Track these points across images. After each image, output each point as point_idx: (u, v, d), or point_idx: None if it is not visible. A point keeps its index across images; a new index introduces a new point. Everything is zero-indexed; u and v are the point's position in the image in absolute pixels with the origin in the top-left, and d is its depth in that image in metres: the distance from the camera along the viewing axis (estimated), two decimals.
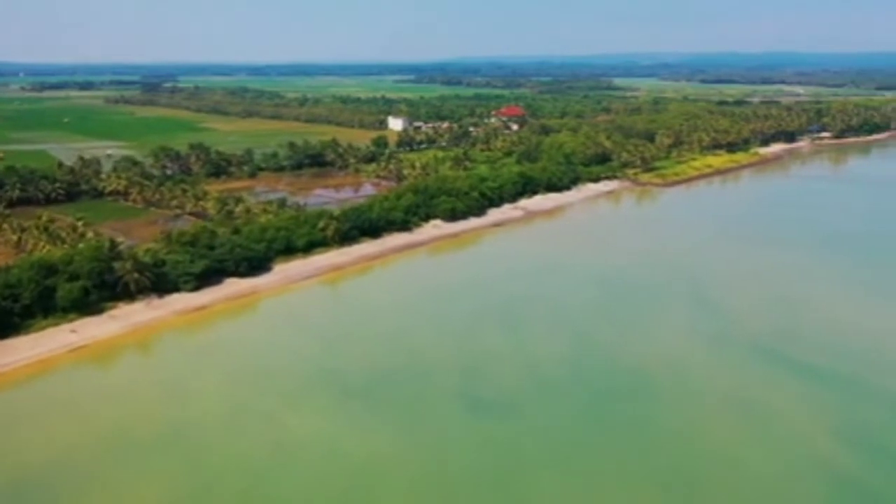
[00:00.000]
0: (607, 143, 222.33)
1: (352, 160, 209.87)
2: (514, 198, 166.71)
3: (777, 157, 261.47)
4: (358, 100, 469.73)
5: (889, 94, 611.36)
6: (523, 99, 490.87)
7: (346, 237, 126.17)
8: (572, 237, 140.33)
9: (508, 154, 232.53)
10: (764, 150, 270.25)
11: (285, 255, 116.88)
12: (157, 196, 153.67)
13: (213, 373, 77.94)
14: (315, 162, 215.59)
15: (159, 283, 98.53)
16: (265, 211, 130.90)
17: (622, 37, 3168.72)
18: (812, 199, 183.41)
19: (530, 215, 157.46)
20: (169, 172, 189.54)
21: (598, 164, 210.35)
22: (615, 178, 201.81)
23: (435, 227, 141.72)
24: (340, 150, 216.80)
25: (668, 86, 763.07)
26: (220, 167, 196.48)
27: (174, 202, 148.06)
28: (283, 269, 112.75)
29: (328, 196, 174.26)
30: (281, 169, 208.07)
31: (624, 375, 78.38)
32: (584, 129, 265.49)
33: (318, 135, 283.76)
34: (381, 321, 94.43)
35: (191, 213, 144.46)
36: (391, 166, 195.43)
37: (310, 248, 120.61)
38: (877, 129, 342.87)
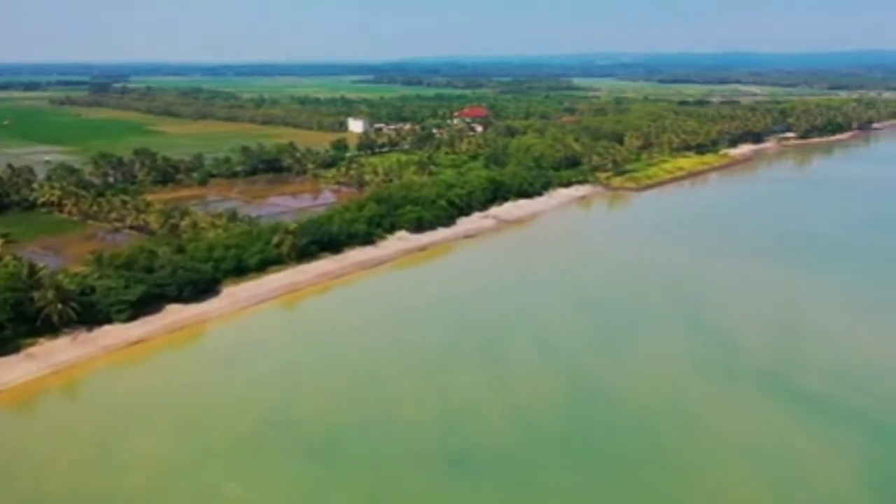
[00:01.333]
0: (577, 146, 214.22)
1: (310, 165, 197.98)
2: (484, 205, 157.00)
3: (746, 159, 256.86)
4: (316, 100, 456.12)
5: (843, 94, 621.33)
6: (485, 99, 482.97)
7: (303, 253, 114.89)
8: (549, 249, 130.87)
9: (474, 157, 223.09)
10: (733, 152, 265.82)
11: (236, 276, 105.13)
12: (95, 208, 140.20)
13: (146, 429, 66.06)
14: (271, 167, 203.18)
15: (88, 313, 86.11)
16: (213, 225, 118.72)
17: (579, 37, 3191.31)
18: (790, 205, 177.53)
19: (502, 225, 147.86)
20: (111, 180, 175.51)
21: (569, 168, 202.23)
22: (587, 182, 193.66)
23: (400, 240, 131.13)
24: (298, 154, 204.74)
25: (627, 86, 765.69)
26: (167, 174, 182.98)
27: (113, 214, 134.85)
28: (233, 292, 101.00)
29: (285, 205, 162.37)
30: (234, 175, 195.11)
31: (624, 421, 68.70)
32: (551, 130, 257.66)
33: (274, 137, 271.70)
34: (342, 354, 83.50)
35: (132, 227, 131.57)
36: (352, 172, 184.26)
37: (263, 266, 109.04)
38: (839, 129, 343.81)
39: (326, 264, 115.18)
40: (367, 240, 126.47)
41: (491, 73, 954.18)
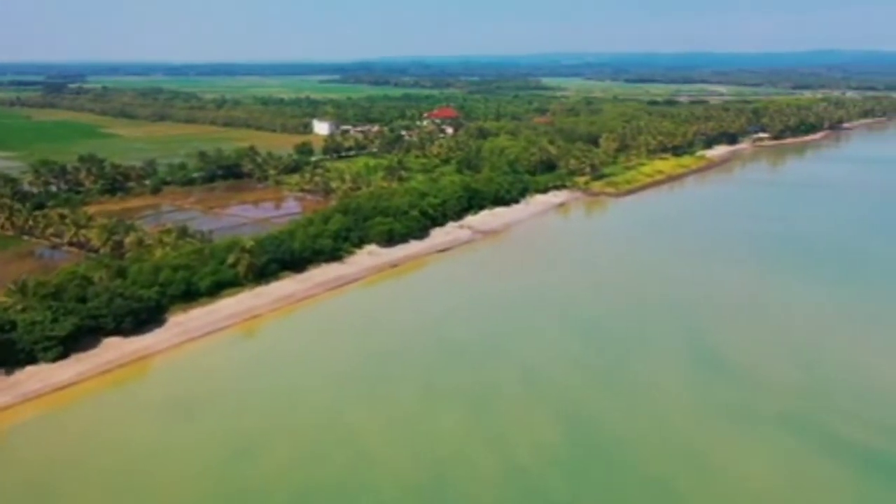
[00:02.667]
0: (552, 150, 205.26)
1: (272, 171, 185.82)
2: (458, 214, 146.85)
3: (724, 161, 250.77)
4: (281, 101, 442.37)
5: (807, 93, 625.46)
6: (454, 99, 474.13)
7: (263, 273, 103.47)
8: (530, 264, 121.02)
9: (446, 161, 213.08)
10: (710, 154, 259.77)
11: (184, 302, 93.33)
12: (31, 222, 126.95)
13: None
14: (230, 173, 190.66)
15: (7, 353, 73.96)
16: (161, 242, 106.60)
17: (545, 37, 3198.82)
18: (779, 210, 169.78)
19: (479, 236, 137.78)
20: (53, 190, 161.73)
21: (545, 172, 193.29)
22: (564, 187, 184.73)
23: (370, 255, 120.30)
24: (259, 159, 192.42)
25: (594, 85, 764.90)
26: (116, 182, 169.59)
27: (50, 230, 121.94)
28: (181, 322, 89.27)
29: (244, 215, 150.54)
30: (190, 182, 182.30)
31: (633, 483, 58.92)
32: (525, 132, 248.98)
33: (236, 140, 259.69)
34: (306, 397, 72.60)
35: (71, 244, 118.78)
36: (316, 178, 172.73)
37: (216, 290, 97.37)
38: (812, 129, 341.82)
39: (288, 285, 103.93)
40: (334, 256, 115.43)
41: (458, 72, 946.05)
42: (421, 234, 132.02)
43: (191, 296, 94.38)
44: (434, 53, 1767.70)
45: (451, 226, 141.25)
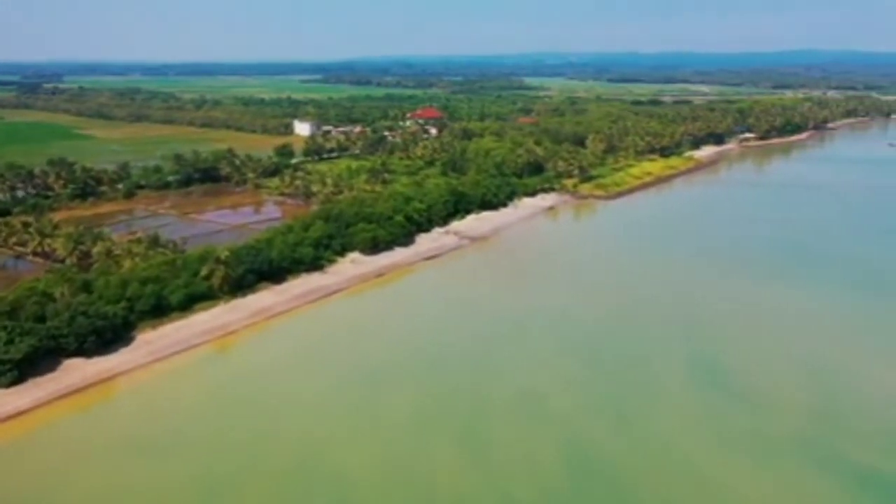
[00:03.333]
0: (539, 151, 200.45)
1: (250, 174, 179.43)
2: (445, 219, 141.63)
3: (712, 162, 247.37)
4: (261, 101, 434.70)
5: (789, 93, 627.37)
6: (437, 99, 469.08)
7: (239, 285, 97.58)
8: (522, 273, 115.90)
9: (431, 163, 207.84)
10: (698, 154, 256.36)
11: (154, 318, 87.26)
12: None
13: None
14: (207, 177, 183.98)
15: None
16: (131, 252, 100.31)
17: (527, 37, 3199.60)
18: (774, 213, 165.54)
19: (466, 242, 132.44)
20: (21, 195, 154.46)
21: (532, 175, 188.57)
22: (552, 190, 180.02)
23: (353, 264, 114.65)
24: (237, 162, 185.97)
25: (578, 85, 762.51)
26: (87, 187, 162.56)
27: (14, 239, 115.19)
28: (150, 340, 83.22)
29: (222, 221, 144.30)
30: (165, 186, 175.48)
31: None
32: (511, 133, 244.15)
33: (215, 141, 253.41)
34: (281, 428, 66.39)
35: (36, 254, 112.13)
36: (297, 182, 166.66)
37: (189, 304, 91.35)
38: (797, 129, 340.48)
39: (266, 298, 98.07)
40: (315, 265, 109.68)
41: (440, 72, 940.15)
42: (406, 240, 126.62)
43: (161, 311, 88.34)
44: (416, 53, 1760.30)
45: (437, 231, 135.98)
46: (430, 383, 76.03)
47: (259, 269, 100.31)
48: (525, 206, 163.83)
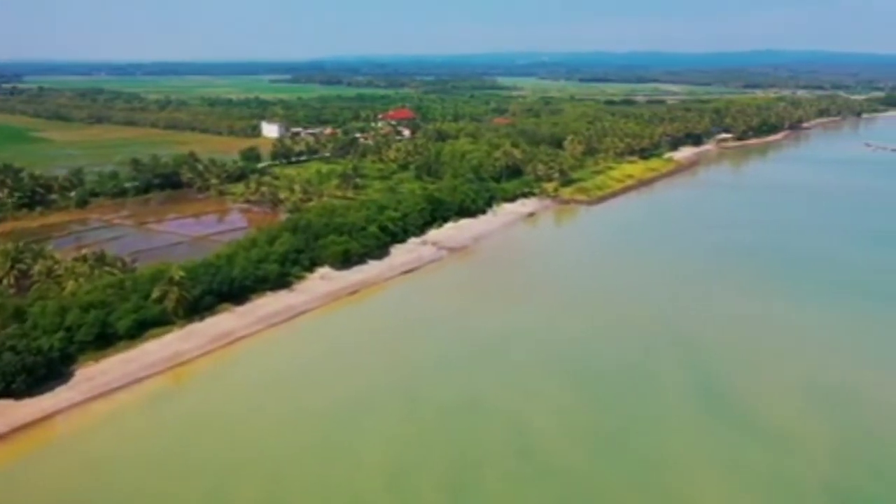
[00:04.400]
0: (518, 154, 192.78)
1: (213, 180, 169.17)
2: (421, 228, 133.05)
3: (692, 164, 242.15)
4: (229, 101, 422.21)
5: (759, 92, 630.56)
6: (409, 99, 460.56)
7: (196, 308, 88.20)
8: (506, 289, 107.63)
9: (405, 166, 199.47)
10: (677, 156, 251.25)
11: (98, 349, 77.47)
12: None
13: None
14: (167, 183, 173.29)
15: None
16: (74, 273, 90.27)
17: (498, 36, 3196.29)
18: (761, 215, 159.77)
19: (444, 253, 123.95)
20: None
21: (510, 178, 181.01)
22: (532, 194, 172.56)
23: (323, 280, 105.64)
24: (200, 167, 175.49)
25: (550, 85, 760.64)
26: (36, 195, 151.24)
27: None
28: (92, 374, 73.45)
29: (182, 232, 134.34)
30: (122, 193, 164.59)
31: None
32: (487, 135, 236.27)
33: (179, 144, 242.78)
34: (235, 492, 57.51)
35: None
36: (263, 188, 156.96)
37: (139, 331, 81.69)
38: (774, 129, 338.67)
39: (226, 321, 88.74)
40: (282, 283, 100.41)
41: (412, 72, 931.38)
42: (380, 253, 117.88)
43: (106, 340, 78.64)
44: (387, 53, 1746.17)
45: (413, 242, 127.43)
46: (408, 418, 67.57)
47: (219, 289, 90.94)
48: (505, 212, 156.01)
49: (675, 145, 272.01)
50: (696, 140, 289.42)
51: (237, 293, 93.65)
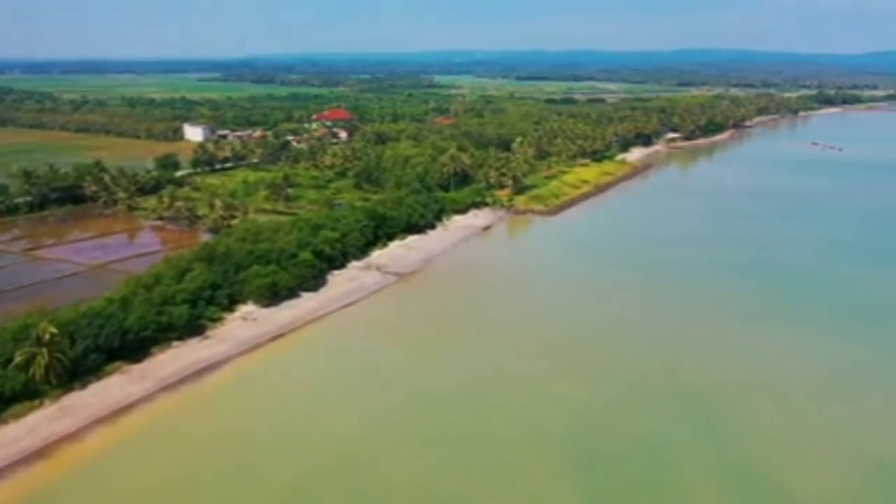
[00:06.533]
0: (466, 159, 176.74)
1: (121, 194, 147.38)
2: (363, 250, 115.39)
3: (646, 166, 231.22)
4: (151, 101, 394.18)
5: (693, 90, 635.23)
6: (345, 99, 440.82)
7: (77, 371, 68.91)
8: (465, 325, 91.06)
9: (342, 174, 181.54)
10: (629, 158, 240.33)
11: None
12: None
13: None
14: (68, 197, 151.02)
15: None
16: None
17: (434, 34, 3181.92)
18: (742, 228, 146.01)
19: (390, 279, 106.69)
20: None
21: (459, 187, 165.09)
22: (485, 204, 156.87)
23: (245, 322, 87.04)
24: (106, 178, 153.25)
25: (487, 83, 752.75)
26: None
27: None
28: None
29: (78, 258, 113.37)
30: (13, 211, 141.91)
31: None
32: (430, 137, 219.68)
33: (90, 150, 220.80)
34: None
35: None
36: (178, 203, 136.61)
37: None
38: (719, 128, 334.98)
39: (117, 387, 69.46)
40: (193, 329, 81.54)
41: (347, 70, 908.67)
42: (316, 283, 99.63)
43: None
44: (322, 51, 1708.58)
45: (354, 267, 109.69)
46: None
47: (108, 344, 71.63)
48: (456, 226, 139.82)
49: (625, 146, 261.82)
50: (646, 140, 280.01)
51: (134, 347, 74.30)
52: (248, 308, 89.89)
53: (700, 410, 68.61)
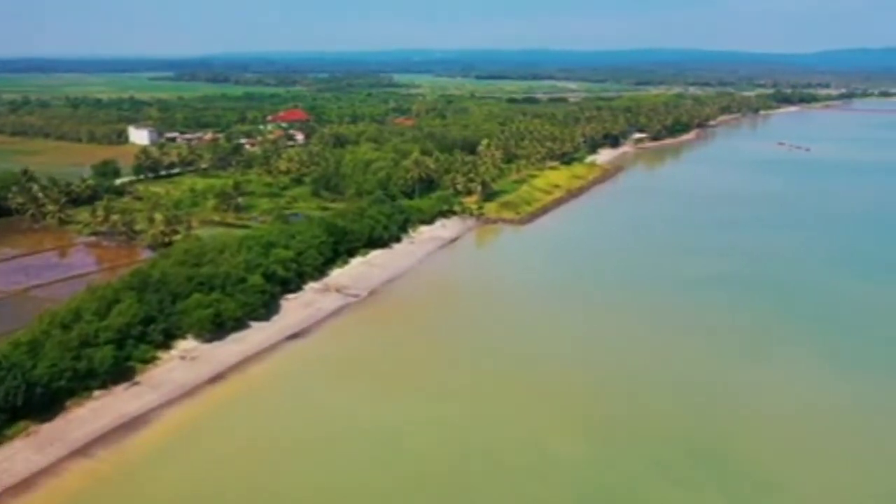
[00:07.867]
0: (431, 163, 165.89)
1: (52, 206, 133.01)
2: (321, 269, 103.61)
3: (617, 168, 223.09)
4: (97, 102, 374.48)
5: (652, 89, 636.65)
6: (301, 99, 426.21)
7: None
8: (434, 355, 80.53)
9: (298, 180, 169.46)
10: (599, 160, 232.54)
11: None
12: None
13: None
14: None
15: None
16: None
17: (390, 33, 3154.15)
18: (729, 237, 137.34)
19: (352, 301, 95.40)
20: None
21: (424, 193, 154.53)
22: (452, 213, 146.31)
23: (183, 361, 74.88)
24: (35, 188, 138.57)
25: (447, 82, 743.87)
26: None
27: None
28: None
29: None
30: None
31: None
32: (392, 140, 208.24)
33: (25, 154, 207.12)
34: None
35: None
36: (115, 216, 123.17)
37: None
38: (685, 128, 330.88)
39: (20, 455, 56.91)
40: (120, 372, 69.20)
41: (304, 69, 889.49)
42: (266, 310, 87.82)
43: None
44: (278, 49, 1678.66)
45: (311, 289, 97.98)
46: None
47: (10, 400, 59.11)
48: (423, 238, 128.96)
49: (593, 147, 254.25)
50: (614, 141, 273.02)
51: (43, 402, 61.87)
52: (187, 344, 77.75)
53: (684, 456, 59.02)
